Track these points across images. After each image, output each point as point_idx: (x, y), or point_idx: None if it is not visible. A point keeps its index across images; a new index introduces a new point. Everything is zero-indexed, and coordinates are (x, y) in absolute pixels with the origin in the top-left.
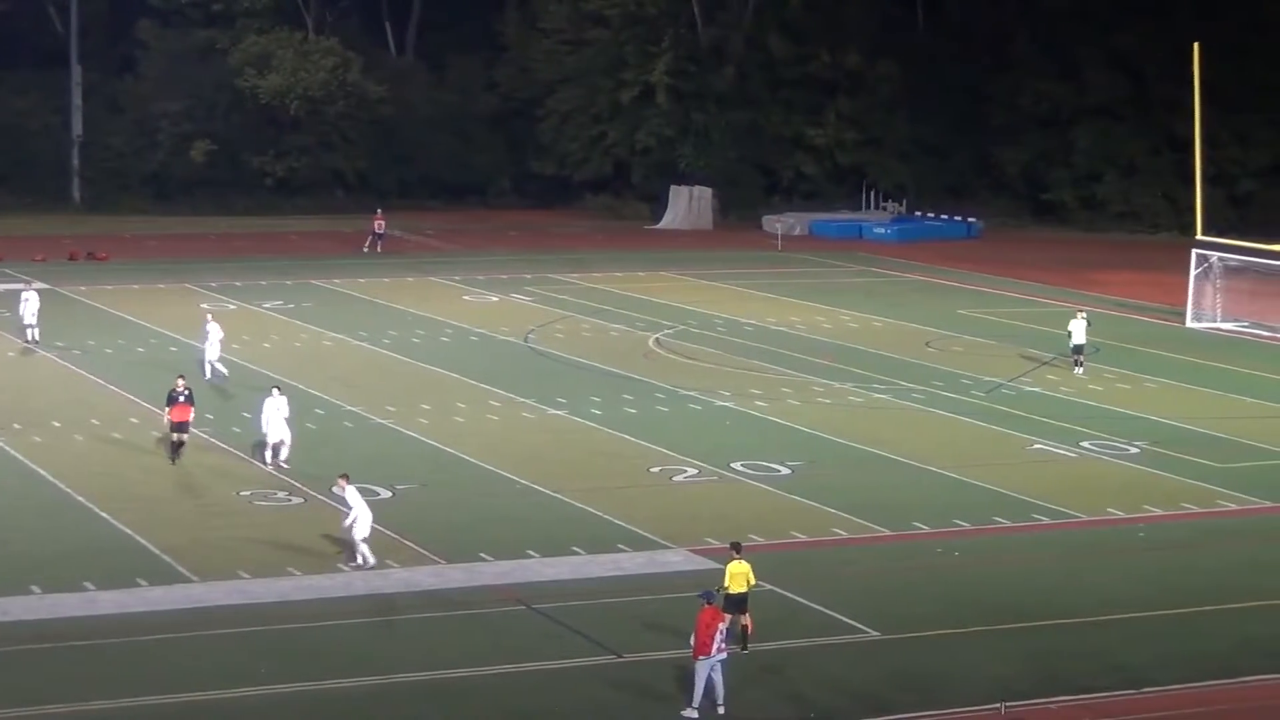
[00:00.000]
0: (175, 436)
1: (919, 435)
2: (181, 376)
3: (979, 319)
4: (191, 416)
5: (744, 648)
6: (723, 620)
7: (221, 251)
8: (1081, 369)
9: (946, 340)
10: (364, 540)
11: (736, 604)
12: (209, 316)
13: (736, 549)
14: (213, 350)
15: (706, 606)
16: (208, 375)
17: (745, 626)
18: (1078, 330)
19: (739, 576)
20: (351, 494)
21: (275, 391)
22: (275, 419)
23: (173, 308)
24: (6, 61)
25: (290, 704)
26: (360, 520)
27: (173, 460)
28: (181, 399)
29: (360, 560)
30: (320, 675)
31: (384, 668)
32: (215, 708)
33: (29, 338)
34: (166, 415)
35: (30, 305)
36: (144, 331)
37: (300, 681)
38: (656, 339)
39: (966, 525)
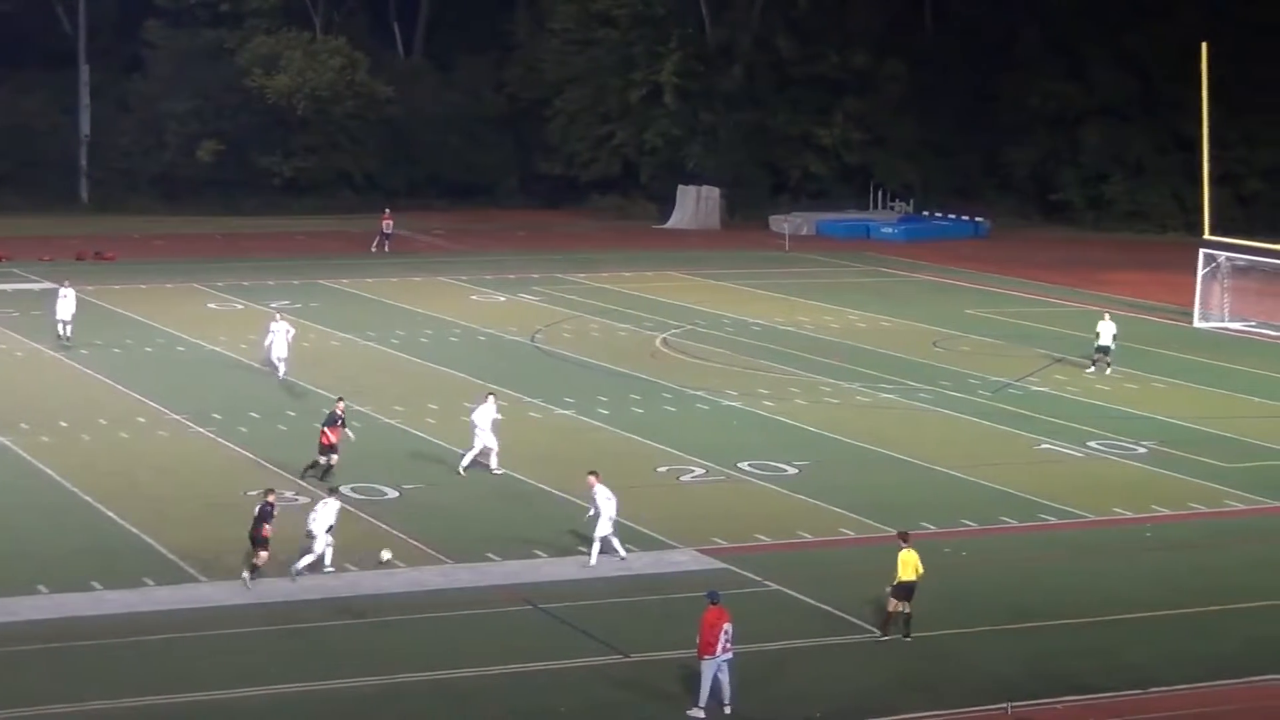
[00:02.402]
0: (326, 459)
1: (926, 435)
2: (341, 399)
3: (986, 319)
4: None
5: (907, 635)
6: (727, 620)
7: (229, 251)
8: (1109, 369)
9: (954, 340)
10: (602, 538)
11: (905, 591)
12: (277, 315)
13: (904, 538)
14: (281, 347)
15: (711, 606)
16: (281, 374)
17: (908, 614)
18: (1105, 331)
19: (909, 565)
20: (599, 491)
21: (490, 398)
22: (486, 424)
23: (180, 307)
24: (15, 61)
25: (297, 704)
26: (600, 518)
27: (321, 476)
28: (339, 422)
29: (594, 560)
30: (327, 675)
31: (391, 668)
32: (222, 708)
33: (62, 332)
34: (323, 437)
35: (67, 304)
36: (151, 331)
37: (307, 681)
38: (664, 339)
39: (973, 525)
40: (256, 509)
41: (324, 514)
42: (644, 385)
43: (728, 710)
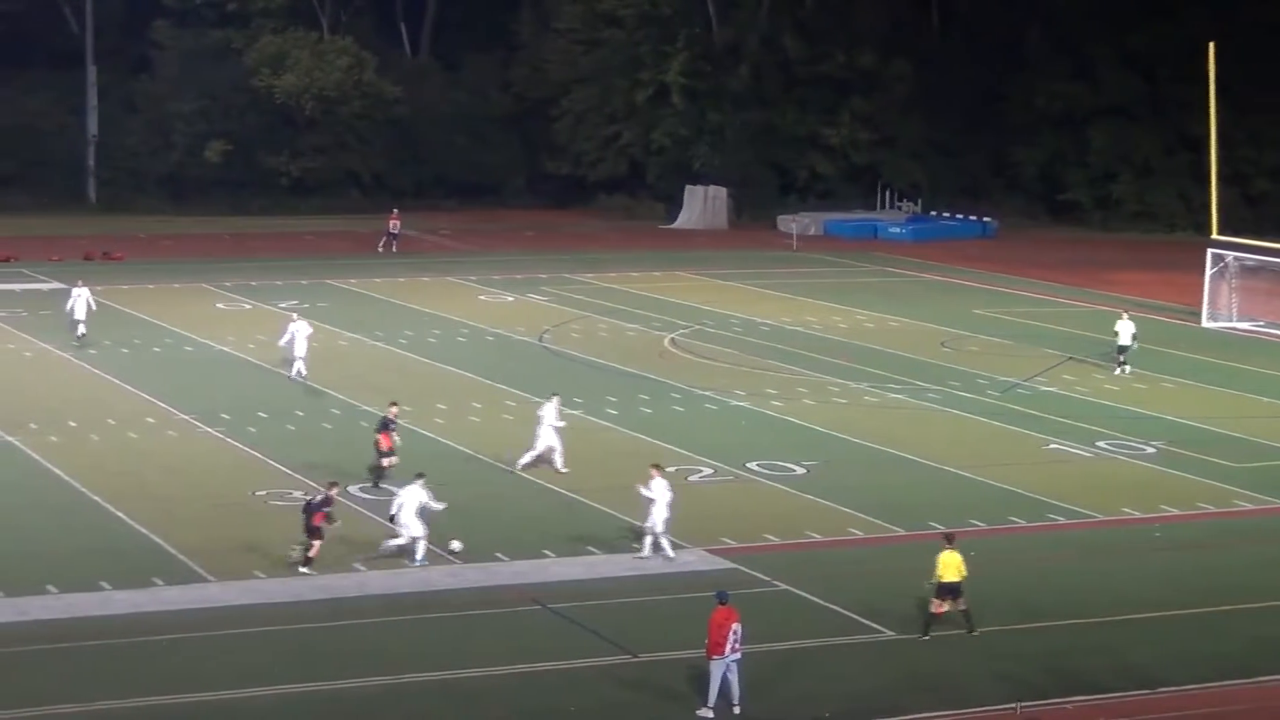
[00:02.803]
0: (385, 462)
1: (934, 435)
2: (394, 404)
3: (994, 318)
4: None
5: (971, 630)
6: (736, 620)
7: (237, 251)
8: (1127, 369)
9: (962, 340)
10: (661, 533)
11: (950, 591)
12: (295, 316)
13: (949, 539)
14: (300, 347)
15: (720, 606)
16: (293, 374)
17: (965, 610)
18: (1124, 331)
19: (951, 566)
20: (657, 484)
21: (554, 399)
22: (549, 425)
23: (188, 307)
24: (22, 61)
25: (305, 704)
26: (655, 508)
27: (375, 481)
28: (392, 426)
29: (647, 551)
30: (335, 675)
31: (399, 667)
32: (229, 708)
33: (78, 331)
34: (378, 441)
35: (82, 303)
36: (159, 331)
37: (315, 681)
38: (672, 339)
39: (982, 525)
40: (314, 499)
41: (409, 499)
42: (652, 385)
43: (737, 710)
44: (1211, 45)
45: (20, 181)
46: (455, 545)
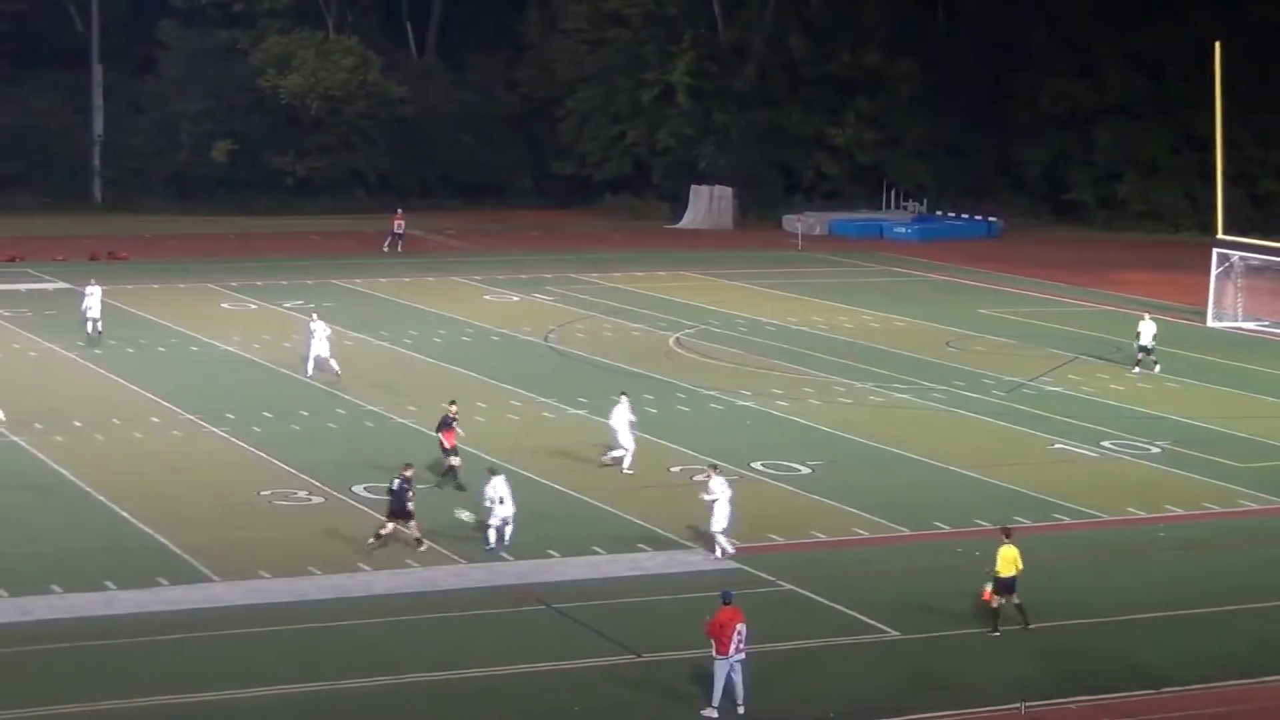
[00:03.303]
0: (454, 461)
1: (940, 435)
2: (453, 402)
3: (1000, 318)
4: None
5: (1026, 625)
6: (741, 620)
7: (242, 251)
8: (1158, 367)
9: (967, 340)
10: (720, 532)
11: (1006, 587)
12: (314, 316)
13: (1007, 534)
14: (321, 346)
15: (724, 606)
16: (309, 372)
17: (1019, 605)
18: (1146, 331)
19: (1008, 561)
20: (716, 483)
21: (623, 398)
22: (623, 425)
23: (194, 307)
24: (28, 61)
25: (309, 704)
26: (717, 507)
27: (439, 485)
28: (453, 423)
29: (719, 553)
30: (340, 675)
31: (403, 667)
32: (234, 707)
33: (91, 329)
34: (441, 441)
35: (95, 299)
36: (165, 331)
37: (319, 681)
38: (677, 339)
39: (987, 525)
40: (394, 484)
41: (498, 488)
42: (658, 385)
43: (741, 710)
44: (1218, 45)
45: (26, 181)
46: (465, 516)
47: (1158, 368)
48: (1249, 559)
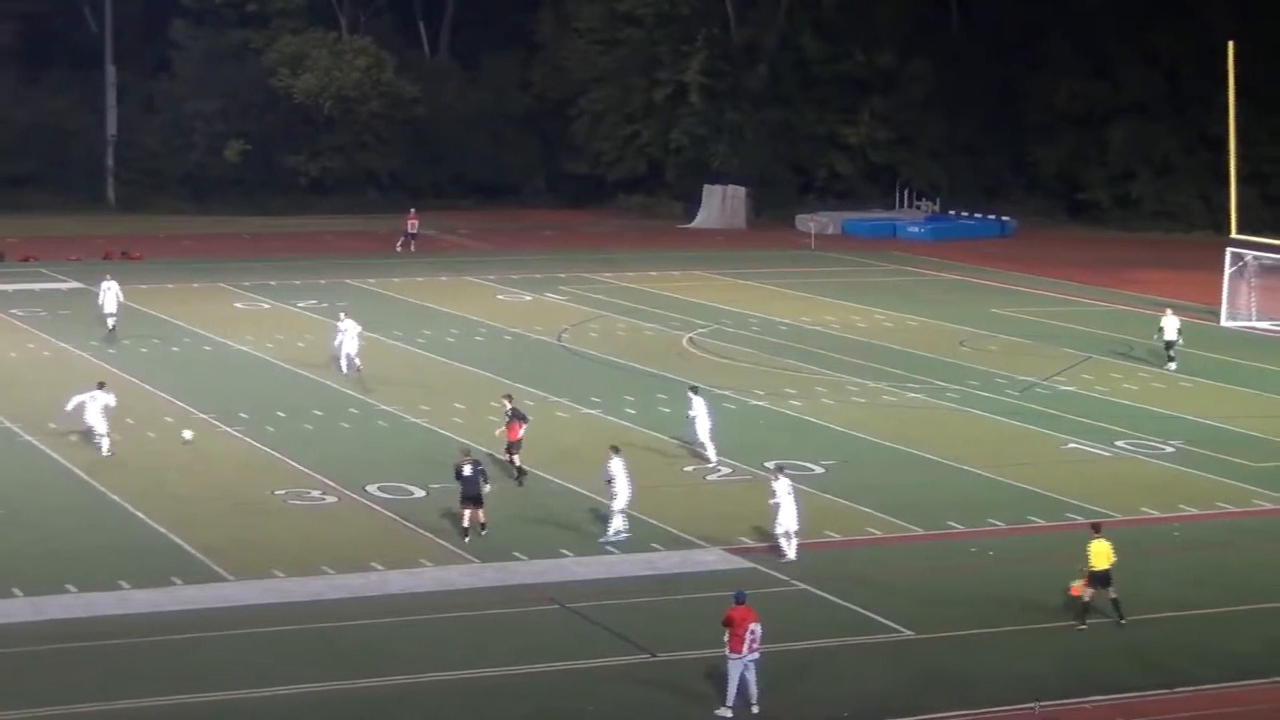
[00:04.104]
0: (509, 456)
1: (953, 434)
2: (508, 397)
3: (1013, 318)
4: (521, 434)
5: (1120, 619)
6: (755, 620)
7: (255, 251)
8: (1173, 365)
9: (981, 339)
10: (783, 535)
11: (1101, 580)
12: (343, 314)
13: (1096, 529)
14: (352, 344)
15: (738, 606)
16: (344, 370)
17: (1114, 599)
18: (1169, 327)
19: (1101, 555)
20: (779, 485)
21: (692, 394)
22: (701, 419)
23: (207, 307)
24: (41, 61)
25: (323, 703)
26: (781, 508)
27: (517, 482)
28: (512, 418)
29: (791, 554)
30: (353, 674)
31: (417, 667)
32: (248, 707)
33: (109, 325)
34: (504, 434)
35: (111, 295)
36: (178, 331)
37: (333, 681)
38: (690, 338)
39: (1001, 524)
40: (467, 470)
41: (617, 469)
42: (671, 385)
43: (755, 710)
44: (1232, 44)
45: (40, 181)
46: (187, 435)
47: (1173, 365)
48: (1263, 559)
